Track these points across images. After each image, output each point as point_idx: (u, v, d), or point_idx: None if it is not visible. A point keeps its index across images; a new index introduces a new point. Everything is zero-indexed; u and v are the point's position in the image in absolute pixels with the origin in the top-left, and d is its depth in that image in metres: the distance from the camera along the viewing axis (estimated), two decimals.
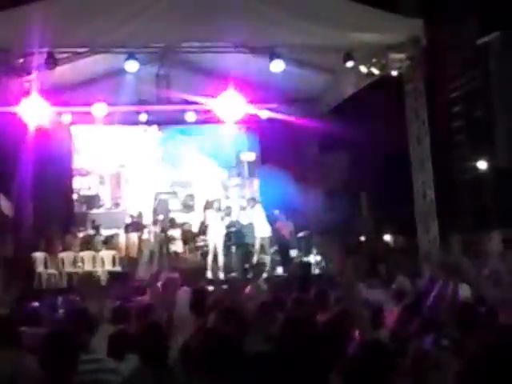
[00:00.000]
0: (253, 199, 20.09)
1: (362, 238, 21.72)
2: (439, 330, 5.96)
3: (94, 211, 21.22)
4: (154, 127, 22.00)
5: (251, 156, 22.27)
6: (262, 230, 18.87)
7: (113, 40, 14.57)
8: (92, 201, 21.62)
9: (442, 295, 7.47)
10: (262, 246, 18.93)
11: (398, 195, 17.99)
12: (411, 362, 4.69)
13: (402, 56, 16.15)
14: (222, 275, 18.23)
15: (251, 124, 21.29)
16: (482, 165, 22.20)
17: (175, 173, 21.97)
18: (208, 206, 20.22)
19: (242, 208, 19.95)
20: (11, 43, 14.19)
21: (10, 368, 4.89)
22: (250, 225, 19.06)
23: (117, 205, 21.56)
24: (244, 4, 14.30)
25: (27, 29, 13.79)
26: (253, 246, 18.97)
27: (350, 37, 15.17)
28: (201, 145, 22.04)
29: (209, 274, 18.27)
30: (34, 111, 15.82)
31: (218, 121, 20.14)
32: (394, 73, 16.35)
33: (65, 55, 15.29)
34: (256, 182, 22.16)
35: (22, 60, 14.75)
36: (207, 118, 20.68)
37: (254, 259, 18.89)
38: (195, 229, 20.19)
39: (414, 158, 16.68)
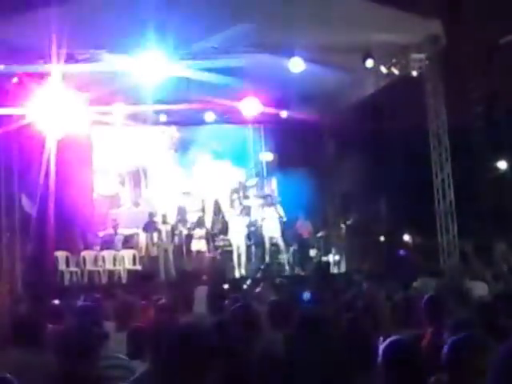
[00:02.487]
0: (267, 198, 20.04)
1: (381, 238, 21.60)
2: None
3: (114, 211, 21.22)
4: (173, 128, 21.98)
5: (269, 156, 22.19)
6: (272, 230, 18.78)
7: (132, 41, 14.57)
8: (112, 200, 21.64)
9: None
10: (276, 246, 18.85)
11: (417, 195, 17.89)
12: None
13: (421, 56, 16.15)
14: (244, 274, 18.27)
15: (270, 124, 21.24)
16: (503, 165, 22.04)
17: (193, 173, 21.91)
18: (225, 206, 20.18)
19: (260, 207, 19.88)
20: (31, 44, 14.22)
21: (32, 364, 4.87)
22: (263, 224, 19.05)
23: (137, 204, 21.56)
24: (264, 4, 14.28)
25: (47, 30, 13.84)
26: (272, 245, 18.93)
27: (369, 37, 15.14)
28: (219, 145, 21.98)
29: (236, 273, 18.30)
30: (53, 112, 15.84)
31: (236, 121, 20.18)
32: (414, 72, 16.33)
33: (84, 56, 15.27)
34: (274, 182, 22.07)
35: (41, 61, 14.77)
36: (226, 119, 20.68)
37: (266, 259, 18.84)
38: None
39: (433, 157, 16.63)
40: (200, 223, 19.76)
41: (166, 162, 21.97)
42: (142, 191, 21.86)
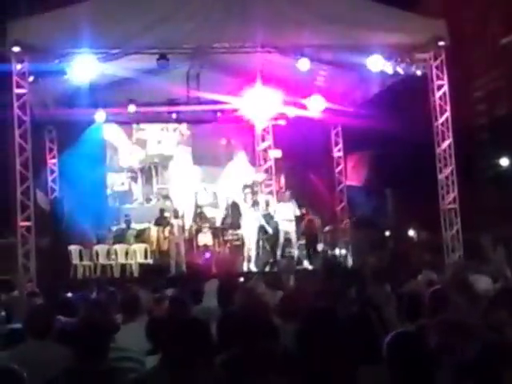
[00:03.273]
0: (280, 194, 20.04)
1: (387, 233, 21.60)
2: None
3: (127, 206, 21.26)
4: (184, 125, 21.99)
5: (278, 153, 22.17)
6: (285, 225, 18.74)
7: (145, 41, 14.58)
8: (124, 196, 21.68)
9: None
10: (288, 240, 18.82)
11: (422, 191, 17.86)
12: None
13: (426, 56, 16.13)
14: (254, 268, 18.23)
15: (279, 121, 21.23)
16: (505, 162, 21.99)
17: (204, 169, 21.89)
18: (237, 201, 20.15)
19: (269, 203, 19.84)
20: (47, 44, 14.24)
21: (44, 357, 4.87)
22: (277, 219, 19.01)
23: (148, 200, 21.59)
24: (272, 5, 14.29)
25: (62, 30, 13.87)
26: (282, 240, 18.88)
27: (375, 37, 15.11)
28: (228, 142, 21.96)
29: (245, 267, 18.29)
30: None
31: (246, 119, 20.21)
32: (419, 72, 16.30)
33: (99, 56, 15.28)
34: (283, 178, 22.06)
35: (57, 60, 14.79)
36: (236, 117, 20.69)
37: (278, 253, 18.80)
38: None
39: (437, 154, 16.63)
40: (209, 218, 19.75)
41: (177, 159, 21.97)
42: (154, 187, 21.87)
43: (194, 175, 21.88)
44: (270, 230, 18.59)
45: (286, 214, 18.71)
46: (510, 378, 3.82)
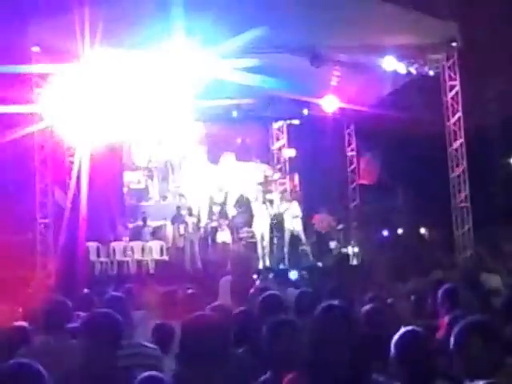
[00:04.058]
0: (288, 193, 19.97)
1: (399, 231, 21.54)
2: None
3: (143, 203, 21.28)
4: (200, 123, 21.93)
5: (292, 152, 22.13)
6: (294, 223, 18.70)
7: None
8: (141, 194, 21.70)
9: None
10: (298, 238, 18.77)
11: (434, 190, 17.80)
12: None
13: (438, 56, 16.09)
14: (268, 265, 18.24)
15: (292, 120, 21.20)
16: None
17: (219, 167, 21.84)
18: (249, 200, 20.13)
19: (280, 202, 19.80)
20: (66, 45, 14.27)
21: (62, 352, 4.86)
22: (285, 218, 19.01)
23: (164, 197, 21.60)
24: (287, 7, 14.25)
25: (81, 31, 13.90)
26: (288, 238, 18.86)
27: (388, 37, 15.08)
28: (243, 140, 21.90)
29: (260, 264, 18.30)
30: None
31: (261, 117, 20.18)
32: (431, 72, 16.26)
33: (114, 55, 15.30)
34: (296, 177, 22.01)
35: (75, 60, 14.81)
36: (251, 115, 20.65)
37: (285, 250, 18.79)
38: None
39: (449, 153, 16.59)
40: (224, 215, 19.73)
41: (193, 157, 21.93)
42: (170, 185, 21.88)
43: (209, 173, 21.82)
44: (274, 231, 18.68)
45: (295, 213, 18.70)
46: None
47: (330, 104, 18.99)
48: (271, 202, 19.57)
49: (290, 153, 22.13)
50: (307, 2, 14.40)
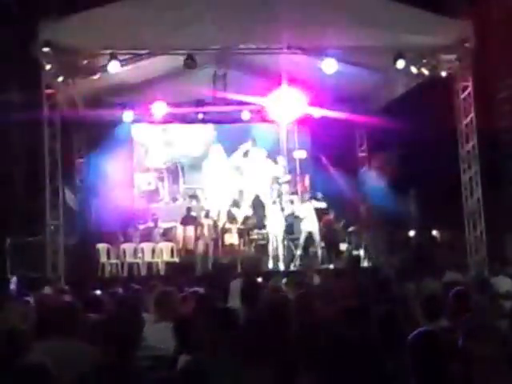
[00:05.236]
0: (305, 194, 19.98)
1: (411, 233, 21.47)
2: None
3: (154, 205, 21.29)
4: (210, 126, 21.94)
5: (303, 153, 22.08)
6: (309, 225, 18.70)
7: (172, 42, 14.61)
8: (151, 195, 21.72)
9: None
10: (311, 240, 18.77)
11: (446, 192, 17.74)
12: None
13: (451, 57, 16.01)
14: (282, 267, 18.22)
15: (304, 122, 21.15)
16: None
17: (230, 169, 21.77)
18: (260, 201, 20.11)
19: (293, 203, 19.77)
20: (77, 45, 14.30)
21: (72, 353, 4.85)
22: (300, 219, 19.00)
23: (174, 199, 21.62)
24: (298, 6, 14.24)
25: (91, 31, 13.94)
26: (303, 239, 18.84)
27: (400, 38, 15.03)
28: (254, 142, 21.88)
29: (270, 265, 18.30)
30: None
31: (272, 120, 20.17)
32: (444, 73, 16.18)
33: (127, 56, 15.34)
34: (307, 179, 21.96)
35: (86, 61, 14.86)
36: (262, 117, 20.66)
37: (298, 252, 18.79)
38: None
39: (461, 155, 16.53)
40: (234, 217, 19.71)
41: (203, 159, 21.91)
42: (181, 187, 21.88)
43: (220, 174, 21.72)
44: (289, 232, 18.68)
45: (309, 214, 18.71)
46: None
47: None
48: (292, 201, 19.55)
49: (300, 154, 22.09)
50: (319, 2, 14.42)
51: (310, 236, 18.69)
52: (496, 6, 20.52)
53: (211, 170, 21.57)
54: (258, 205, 19.77)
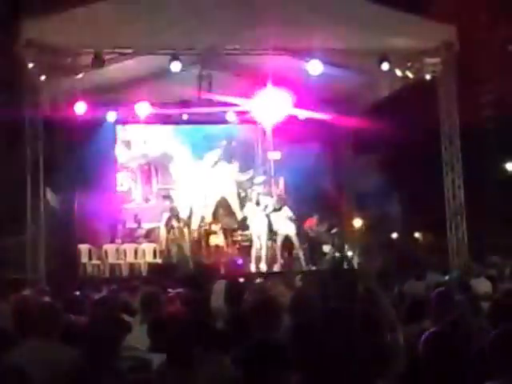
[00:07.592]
0: (279, 198, 19.85)
1: (394, 236, 21.57)
2: None
3: (126, 206, 21.08)
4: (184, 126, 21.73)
5: (277, 155, 21.68)
6: (285, 228, 18.62)
7: (157, 42, 14.58)
8: (124, 196, 21.51)
9: None
10: (291, 242, 18.70)
11: (429, 195, 17.82)
12: None
13: (435, 60, 16.10)
14: (264, 268, 18.18)
15: (286, 123, 21.08)
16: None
17: (204, 169, 21.53)
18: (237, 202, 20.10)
19: (267, 208, 19.53)
20: (60, 43, 14.24)
21: (51, 355, 4.82)
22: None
23: (147, 200, 21.42)
24: (283, 7, 14.24)
25: (75, 29, 13.87)
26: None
27: (385, 41, 15.11)
28: (228, 143, 21.75)
29: (252, 267, 18.23)
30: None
31: (257, 121, 20.13)
32: (428, 76, 16.27)
33: (110, 56, 15.27)
34: (282, 181, 21.48)
35: (69, 60, 14.78)
36: (248, 118, 20.59)
37: (278, 254, 18.72)
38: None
39: (444, 158, 16.58)
40: (216, 218, 19.66)
41: (178, 159, 21.73)
42: (154, 187, 21.70)
43: (197, 174, 21.51)
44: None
45: (283, 220, 18.61)
46: None
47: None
48: (266, 206, 19.39)
49: (275, 156, 21.75)
50: (305, 4, 14.43)
51: (287, 239, 18.61)
52: (480, 10, 20.65)
53: (179, 171, 21.46)
54: (226, 206, 19.74)
